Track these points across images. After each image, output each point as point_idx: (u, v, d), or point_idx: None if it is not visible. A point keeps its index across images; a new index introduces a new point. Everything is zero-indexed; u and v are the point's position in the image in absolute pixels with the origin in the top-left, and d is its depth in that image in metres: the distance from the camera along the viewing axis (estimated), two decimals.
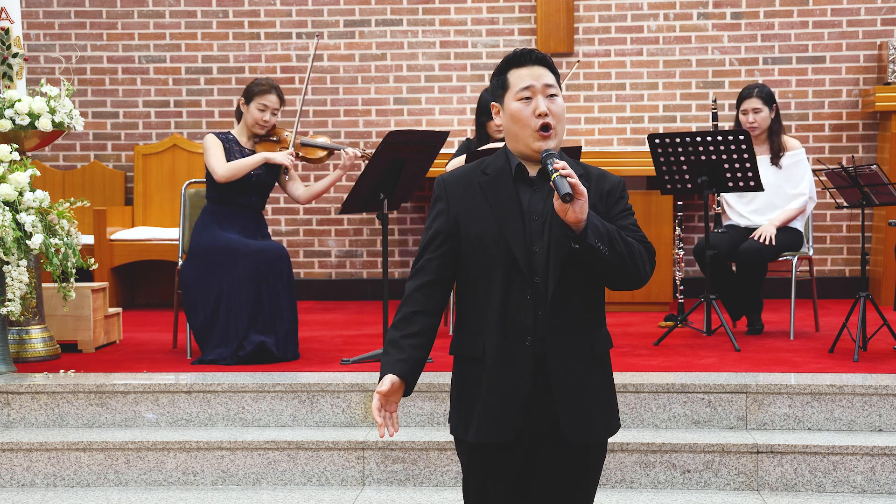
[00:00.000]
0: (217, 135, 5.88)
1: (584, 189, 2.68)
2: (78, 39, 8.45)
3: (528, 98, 2.83)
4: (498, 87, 2.90)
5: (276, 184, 6.02)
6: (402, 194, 5.89)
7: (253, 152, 5.91)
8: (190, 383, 5.13)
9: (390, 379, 2.82)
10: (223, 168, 5.76)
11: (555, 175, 2.67)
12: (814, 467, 4.68)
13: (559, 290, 2.79)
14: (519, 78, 2.84)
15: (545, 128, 2.81)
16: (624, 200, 2.88)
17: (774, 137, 6.41)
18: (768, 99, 6.39)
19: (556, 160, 2.71)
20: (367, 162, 6.02)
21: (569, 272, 2.79)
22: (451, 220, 2.87)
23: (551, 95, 2.83)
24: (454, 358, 2.96)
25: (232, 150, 5.86)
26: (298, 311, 5.85)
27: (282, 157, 5.82)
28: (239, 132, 5.96)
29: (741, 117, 6.42)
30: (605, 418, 2.89)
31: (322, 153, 6.05)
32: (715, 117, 6.68)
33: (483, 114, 6.66)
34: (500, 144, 3.91)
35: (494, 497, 2.91)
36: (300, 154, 6.00)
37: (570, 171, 2.68)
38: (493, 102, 2.93)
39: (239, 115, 5.98)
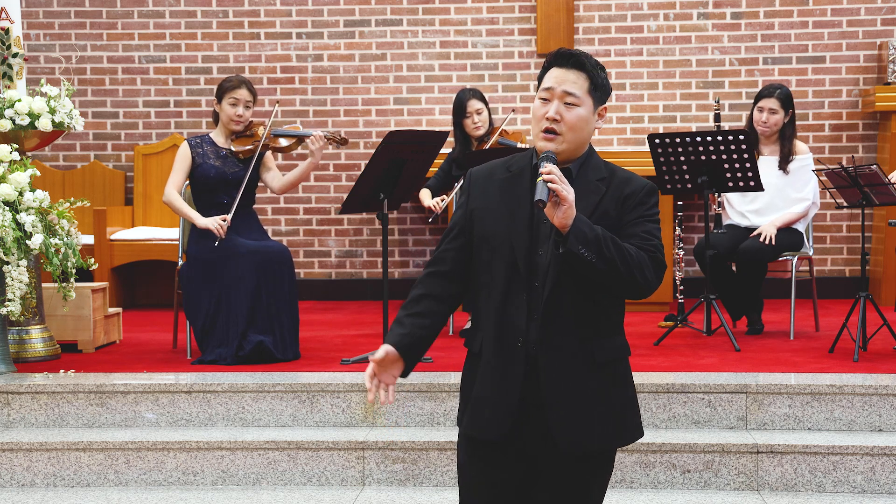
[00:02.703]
0: (191, 143, 5.90)
1: (567, 195, 2.68)
2: (78, 39, 8.45)
3: (546, 99, 2.86)
4: (538, 81, 2.95)
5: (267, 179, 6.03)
6: (402, 194, 5.89)
7: (229, 151, 5.91)
8: (190, 383, 5.13)
9: (385, 349, 2.86)
10: (169, 193, 5.82)
11: (538, 179, 2.70)
12: (814, 467, 4.68)
13: (555, 294, 2.79)
14: (547, 78, 2.88)
15: (548, 131, 2.84)
16: (644, 207, 2.86)
17: (786, 142, 6.39)
18: (786, 102, 6.37)
19: (546, 164, 2.73)
20: (336, 145, 5.98)
21: (566, 277, 2.78)
22: (468, 214, 2.91)
23: (569, 103, 2.84)
24: (467, 350, 2.99)
25: (206, 153, 5.87)
26: (299, 311, 5.85)
27: (209, 222, 5.69)
28: (216, 133, 5.97)
29: (755, 114, 6.41)
30: (606, 427, 2.85)
31: (291, 140, 6.01)
32: (718, 118, 6.67)
33: (457, 113, 6.68)
34: None
35: (481, 493, 2.91)
36: (272, 146, 5.97)
37: (553, 176, 2.68)
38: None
39: (216, 116, 5.99)
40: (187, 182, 6.16)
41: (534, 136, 2.90)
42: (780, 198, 6.36)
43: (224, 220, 5.70)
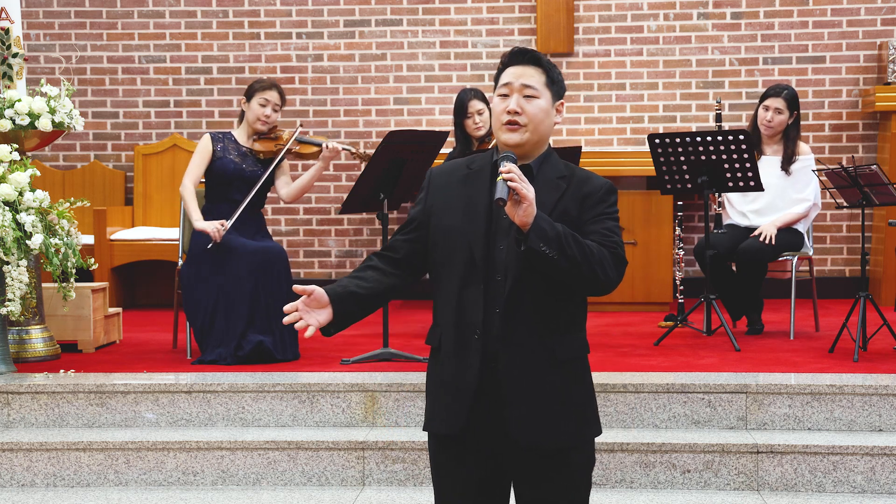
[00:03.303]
0: (213, 136, 5.92)
1: (527, 193, 2.70)
2: (78, 39, 8.45)
3: (505, 94, 2.92)
4: (494, 83, 3.00)
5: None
6: (402, 194, 5.89)
7: (250, 150, 5.94)
8: (190, 383, 5.13)
9: (315, 287, 2.87)
10: (186, 185, 5.83)
11: (498, 178, 2.73)
12: (814, 467, 4.68)
13: (516, 289, 2.82)
14: (504, 75, 2.94)
15: (511, 123, 2.89)
16: (604, 205, 2.89)
17: (790, 143, 6.39)
18: (792, 103, 6.38)
19: (507, 163, 2.76)
20: (360, 161, 6.03)
21: (529, 273, 2.81)
22: (426, 210, 2.96)
23: (528, 96, 2.90)
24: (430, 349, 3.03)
25: (227, 148, 5.90)
26: None
27: (207, 225, 5.69)
28: (239, 132, 5.99)
29: (761, 111, 6.42)
30: (566, 424, 2.88)
31: (315, 149, 6.06)
32: (719, 118, 6.68)
33: (459, 114, 6.68)
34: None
35: (452, 492, 2.95)
36: (294, 150, 6.00)
37: (512, 175, 2.71)
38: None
39: (241, 114, 6.02)
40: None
41: (496, 131, 2.94)
42: (781, 198, 6.36)
43: (222, 226, 5.70)
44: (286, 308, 2.87)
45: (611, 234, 2.85)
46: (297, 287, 2.87)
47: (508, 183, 2.70)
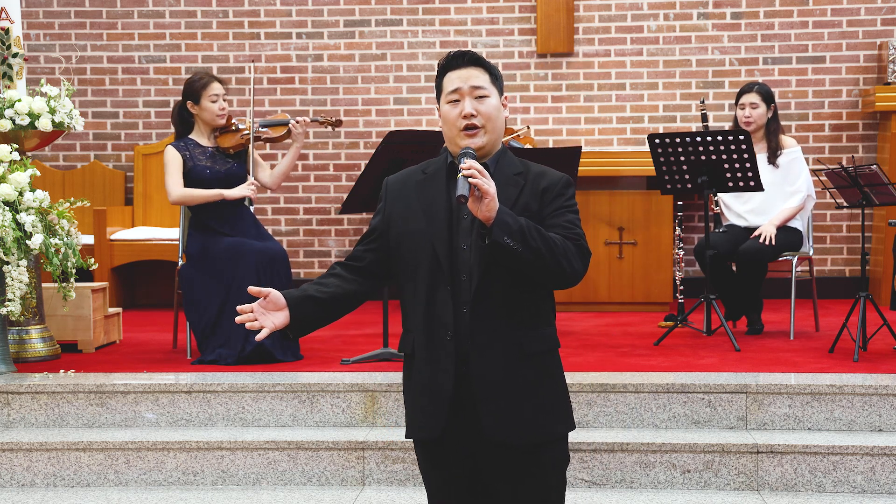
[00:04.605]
0: (176, 146, 5.86)
1: (489, 188, 2.71)
2: (78, 39, 8.45)
3: (456, 100, 2.91)
4: (436, 91, 2.99)
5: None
6: None
7: (217, 148, 5.90)
8: (190, 383, 5.13)
9: (272, 290, 2.89)
10: (178, 192, 5.78)
11: (459, 175, 2.74)
12: (814, 467, 4.68)
13: (482, 286, 2.83)
14: (449, 81, 2.93)
15: (469, 128, 2.89)
16: (562, 198, 2.90)
17: (772, 137, 6.41)
18: (766, 97, 6.41)
19: (466, 160, 2.76)
20: (331, 127, 6.07)
21: (493, 270, 2.82)
22: (385, 219, 2.97)
23: (480, 97, 2.90)
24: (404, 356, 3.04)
25: (194, 155, 5.84)
26: None
27: (241, 190, 5.75)
28: (196, 134, 5.94)
29: (738, 111, 6.44)
30: (538, 419, 2.89)
31: (283, 129, 6.03)
32: (705, 118, 6.68)
33: None
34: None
35: (440, 494, 2.98)
36: (263, 137, 5.98)
37: (472, 171, 2.72)
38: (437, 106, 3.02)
39: (182, 120, 5.93)
40: None
41: (452, 139, 2.92)
42: (775, 194, 6.36)
43: (252, 185, 5.77)
44: (240, 308, 2.87)
45: (573, 227, 2.87)
46: (252, 289, 2.86)
47: (469, 179, 2.71)
